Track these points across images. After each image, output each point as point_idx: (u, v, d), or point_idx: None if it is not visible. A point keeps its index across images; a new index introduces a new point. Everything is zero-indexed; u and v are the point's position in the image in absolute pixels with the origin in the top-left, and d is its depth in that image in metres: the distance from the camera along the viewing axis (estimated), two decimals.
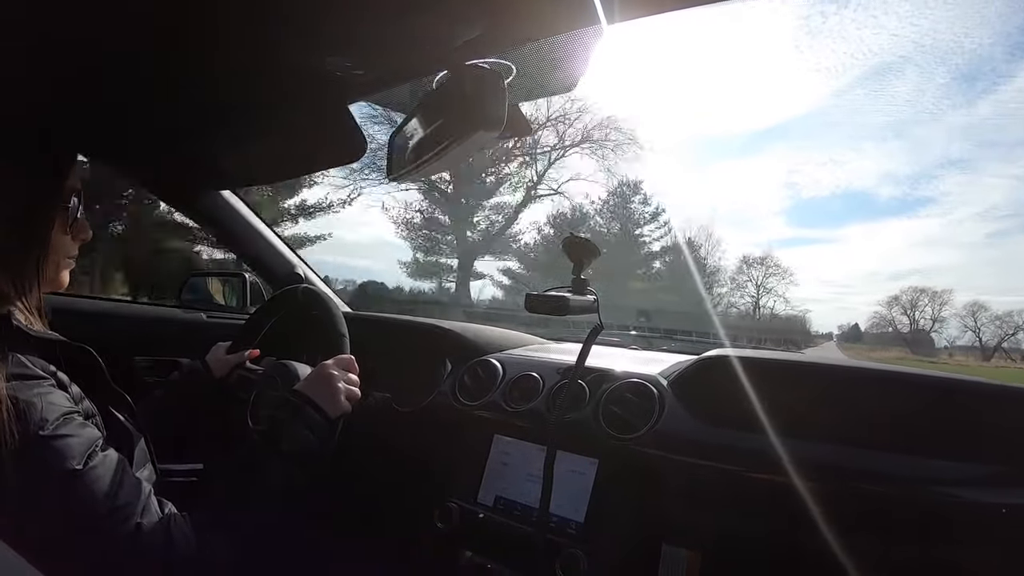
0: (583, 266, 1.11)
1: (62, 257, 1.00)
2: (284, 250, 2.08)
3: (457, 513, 1.29)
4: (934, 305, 32.74)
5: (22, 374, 0.84)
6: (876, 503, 1.00)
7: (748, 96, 47.63)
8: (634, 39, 0.85)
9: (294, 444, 1.04)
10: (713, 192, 46.21)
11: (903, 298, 33.44)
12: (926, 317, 32.83)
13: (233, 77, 1.06)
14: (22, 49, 0.92)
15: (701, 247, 27.93)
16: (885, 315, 34.57)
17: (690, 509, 1.13)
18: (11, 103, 1.06)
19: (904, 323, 33.50)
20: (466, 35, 0.88)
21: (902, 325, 33.60)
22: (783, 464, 1.03)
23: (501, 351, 1.60)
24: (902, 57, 37.58)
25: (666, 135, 41.37)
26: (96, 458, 0.84)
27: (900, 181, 41.20)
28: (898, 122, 39.50)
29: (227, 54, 0.97)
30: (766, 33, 42.81)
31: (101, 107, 1.19)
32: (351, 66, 0.99)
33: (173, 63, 1.00)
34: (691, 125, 49.44)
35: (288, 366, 1.32)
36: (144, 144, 1.47)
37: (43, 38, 0.89)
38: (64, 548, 0.79)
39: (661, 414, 1.20)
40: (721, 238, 28.95)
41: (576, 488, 1.19)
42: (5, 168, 0.90)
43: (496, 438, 1.35)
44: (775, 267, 29.34)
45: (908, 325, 33.37)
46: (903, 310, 33.31)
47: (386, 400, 1.57)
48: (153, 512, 0.87)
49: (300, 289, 1.56)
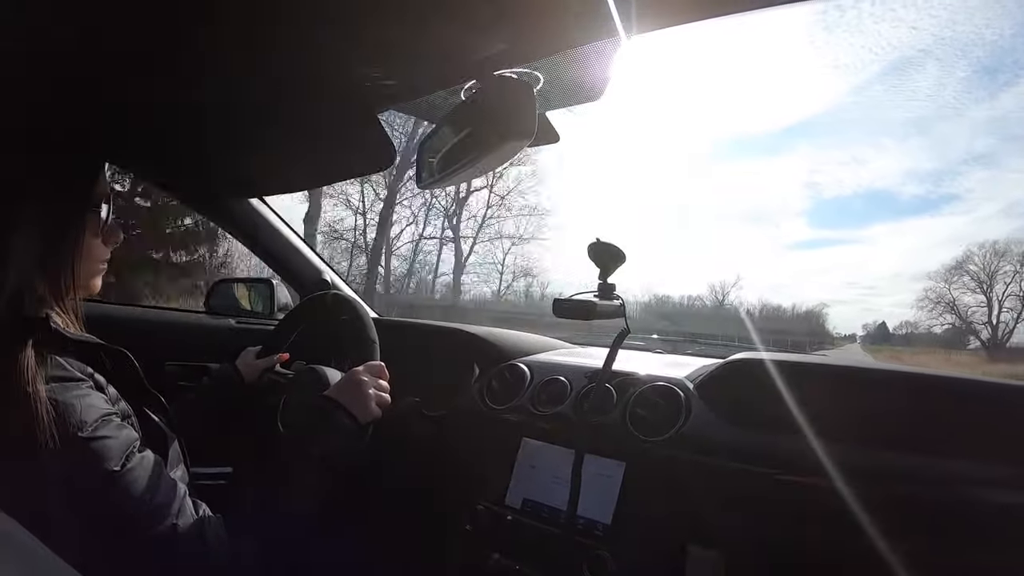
0: (609, 271, 1.12)
1: (95, 262, 1.02)
2: (312, 257, 2.11)
3: (485, 515, 1.30)
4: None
5: (61, 376, 0.85)
6: (907, 506, 0.99)
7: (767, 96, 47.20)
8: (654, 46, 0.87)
9: (325, 449, 1.05)
10: (734, 193, 45.67)
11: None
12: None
13: (263, 86, 1.07)
14: (52, 55, 0.94)
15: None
16: (915, 315, 32.28)
17: (717, 511, 1.12)
18: (42, 110, 1.09)
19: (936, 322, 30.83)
20: (492, 47, 0.89)
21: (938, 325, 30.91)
22: (811, 467, 1.03)
23: (528, 355, 1.62)
24: (922, 51, 36.92)
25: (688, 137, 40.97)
26: (134, 459, 0.85)
27: (923, 178, 40.46)
28: (919, 118, 38.81)
29: (258, 63, 0.98)
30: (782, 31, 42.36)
31: (130, 114, 1.21)
32: (380, 76, 1.00)
33: (202, 71, 1.02)
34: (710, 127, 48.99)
35: (318, 371, 1.33)
36: (173, 151, 1.49)
37: (72, 44, 0.91)
38: (102, 548, 0.80)
39: (688, 417, 1.20)
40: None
41: (603, 490, 1.20)
42: (39, 174, 0.92)
43: (524, 441, 1.35)
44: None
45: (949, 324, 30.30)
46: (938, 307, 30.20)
47: (415, 404, 1.58)
48: (188, 513, 0.89)
49: (329, 295, 1.57)
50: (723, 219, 35.92)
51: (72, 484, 0.80)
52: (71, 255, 0.95)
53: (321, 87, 1.06)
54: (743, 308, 27.90)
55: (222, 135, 1.36)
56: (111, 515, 0.82)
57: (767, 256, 35.66)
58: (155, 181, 1.77)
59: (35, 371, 0.82)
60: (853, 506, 0.98)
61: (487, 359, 1.62)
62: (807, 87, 41.92)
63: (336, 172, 1.65)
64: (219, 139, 1.39)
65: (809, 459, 1.04)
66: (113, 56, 0.96)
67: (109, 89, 1.09)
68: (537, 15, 0.81)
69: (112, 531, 0.83)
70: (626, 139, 30.78)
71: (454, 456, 1.48)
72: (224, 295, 2.27)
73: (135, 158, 1.58)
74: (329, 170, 1.64)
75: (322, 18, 0.83)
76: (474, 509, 1.32)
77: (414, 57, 0.96)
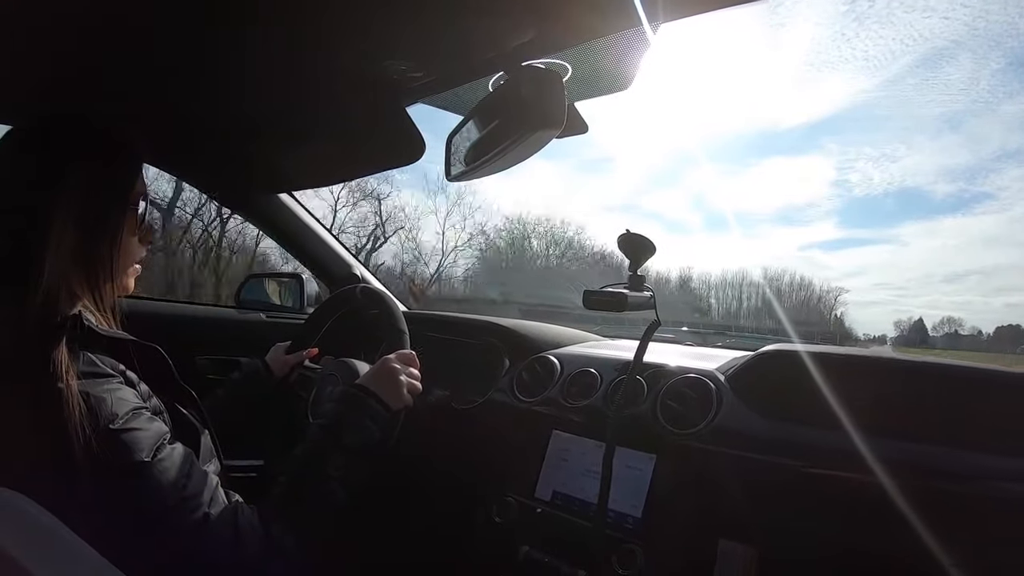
0: (639, 262, 1.11)
1: (131, 260, 1.04)
2: (341, 251, 2.12)
3: (515, 507, 1.31)
4: None
5: (92, 372, 0.86)
6: (946, 502, 0.97)
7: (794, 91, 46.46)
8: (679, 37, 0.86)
9: (356, 436, 1.06)
10: (762, 191, 44.98)
11: None
12: None
13: (291, 80, 1.08)
14: (97, 55, 0.96)
15: None
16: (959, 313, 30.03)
17: (748, 505, 1.11)
18: (84, 109, 1.10)
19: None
20: (519, 38, 0.89)
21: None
22: (846, 460, 1.01)
23: (558, 348, 1.61)
24: (954, 42, 35.58)
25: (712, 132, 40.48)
26: (164, 451, 0.86)
27: (955, 176, 39.29)
28: (952, 112, 37.54)
29: (286, 57, 0.99)
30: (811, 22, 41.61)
31: (161, 111, 1.23)
32: (407, 69, 1.01)
33: (232, 66, 1.02)
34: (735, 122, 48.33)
35: (348, 364, 1.34)
36: (203, 147, 1.51)
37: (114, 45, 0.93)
38: (134, 539, 0.81)
39: (719, 409, 1.19)
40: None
41: (634, 483, 1.19)
42: (78, 172, 0.93)
43: (554, 434, 1.35)
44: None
45: None
46: None
47: (445, 397, 1.59)
48: (221, 503, 0.89)
49: (359, 288, 1.58)
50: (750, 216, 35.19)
51: (103, 476, 0.81)
52: (109, 252, 0.96)
53: (350, 80, 1.06)
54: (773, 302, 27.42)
55: (251, 131, 1.38)
56: (142, 506, 0.83)
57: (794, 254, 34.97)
58: (189, 179, 1.79)
59: (67, 367, 0.83)
60: (889, 501, 0.96)
61: (517, 351, 1.62)
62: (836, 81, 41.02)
63: (365, 166, 1.66)
64: (248, 135, 1.41)
65: (844, 452, 1.02)
66: (146, 55, 0.97)
67: (142, 88, 1.11)
68: (564, 4, 0.81)
69: (144, 522, 0.83)
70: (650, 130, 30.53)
71: (484, 448, 1.49)
72: (254, 290, 2.30)
73: (170, 156, 1.60)
74: (358, 164, 1.64)
75: (351, 11, 0.84)
76: (504, 501, 1.32)
77: (442, 49, 0.96)
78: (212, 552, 0.85)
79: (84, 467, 0.79)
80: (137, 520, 0.83)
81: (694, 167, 23.26)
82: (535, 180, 32.29)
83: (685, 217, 36.82)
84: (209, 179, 1.85)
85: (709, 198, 25.96)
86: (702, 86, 34.27)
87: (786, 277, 26.84)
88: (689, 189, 36.25)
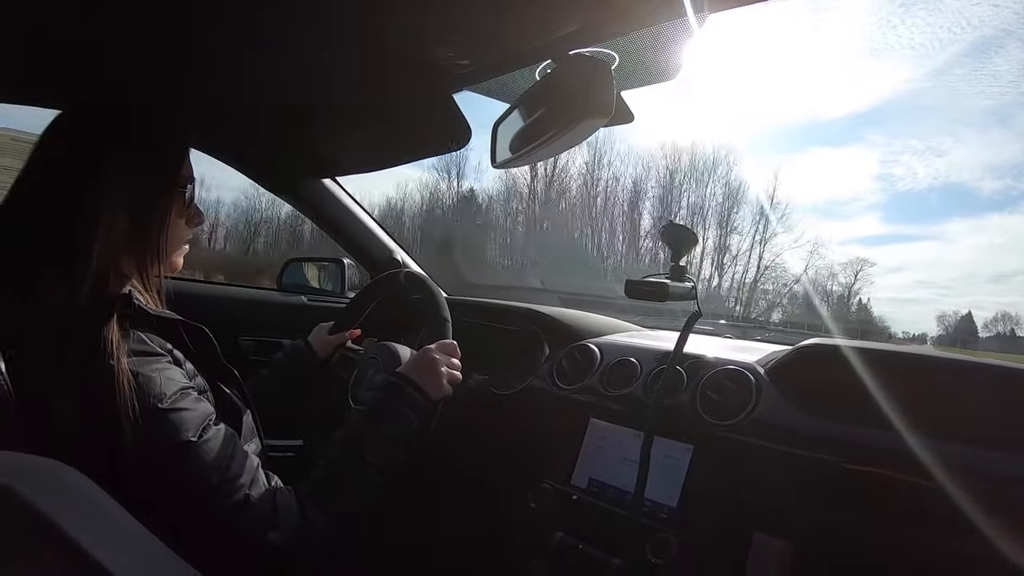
0: (681, 253, 1.11)
1: (178, 241, 1.07)
2: (383, 236, 2.14)
3: (551, 494, 1.31)
4: None
5: (142, 351, 0.89)
6: (989, 504, 0.95)
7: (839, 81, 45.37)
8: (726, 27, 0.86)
9: (396, 426, 1.07)
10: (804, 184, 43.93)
11: None
12: None
13: (340, 67, 1.10)
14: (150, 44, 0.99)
15: None
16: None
17: (784, 498, 1.10)
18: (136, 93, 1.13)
19: None
20: (566, 26, 0.89)
21: None
22: (886, 457, 1.00)
23: (598, 336, 1.61)
24: (1003, 30, 33.80)
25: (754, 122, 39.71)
26: (210, 431, 0.88)
27: (1003, 172, 37.71)
28: (1000, 105, 35.93)
29: (334, 45, 1.01)
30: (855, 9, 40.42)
31: (211, 96, 1.26)
32: (455, 55, 1.02)
33: (278, 54, 1.05)
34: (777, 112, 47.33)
35: (390, 348, 1.35)
36: (250, 132, 1.54)
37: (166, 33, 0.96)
38: (177, 516, 0.82)
39: (759, 402, 1.18)
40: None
41: (670, 473, 1.19)
42: (128, 155, 0.96)
43: (592, 422, 1.36)
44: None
45: None
46: None
47: (484, 382, 1.60)
48: (261, 484, 0.91)
49: (403, 273, 1.60)
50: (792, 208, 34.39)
51: (150, 453, 0.84)
52: (158, 234, 0.99)
53: (399, 66, 1.08)
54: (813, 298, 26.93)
55: (298, 118, 1.40)
56: (187, 484, 0.85)
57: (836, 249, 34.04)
58: (236, 163, 1.82)
59: (119, 345, 0.85)
60: (929, 501, 0.95)
61: (557, 339, 1.62)
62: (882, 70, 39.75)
63: (412, 152, 1.67)
64: (295, 122, 1.43)
65: (886, 450, 1.01)
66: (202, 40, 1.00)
67: (192, 75, 1.13)
68: None
69: (188, 500, 0.86)
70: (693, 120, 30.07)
71: (522, 434, 1.49)
72: (295, 274, 2.33)
73: (219, 140, 1.64)
74: (405, 150, 1.66)
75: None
76: (540, 487, 1.33)
77: (489, 37, 0.97)
78: (250, 532, 0.87)
79: (131, 445, 0.82)
80: (181, 498, 0.86)
81: (736, 157, 22.92)
82: None
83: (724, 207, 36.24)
84: (253, 163, 1.89)
85: (749, 190, 25.53)
86: (745, 76, 33.69)
87: (827, 272, 26.34)
88: (730, 182, 35.72)
